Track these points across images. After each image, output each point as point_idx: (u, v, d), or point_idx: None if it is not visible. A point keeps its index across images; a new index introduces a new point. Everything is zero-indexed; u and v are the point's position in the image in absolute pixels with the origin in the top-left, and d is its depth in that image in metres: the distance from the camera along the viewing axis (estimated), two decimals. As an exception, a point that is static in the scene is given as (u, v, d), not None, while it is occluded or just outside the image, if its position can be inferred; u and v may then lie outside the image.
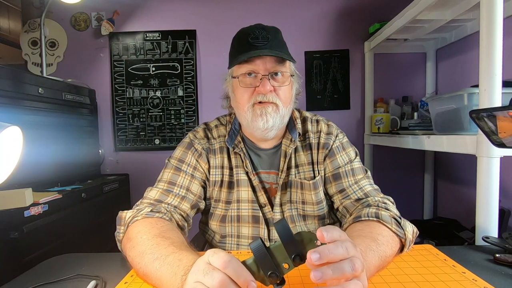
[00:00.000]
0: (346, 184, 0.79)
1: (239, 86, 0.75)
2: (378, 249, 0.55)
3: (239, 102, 0.76)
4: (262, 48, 0.72)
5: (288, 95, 0.77)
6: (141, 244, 0.58)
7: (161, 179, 0.80)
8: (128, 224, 0.66)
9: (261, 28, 0.76)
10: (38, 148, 1.33)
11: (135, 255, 0.58)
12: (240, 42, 0.77)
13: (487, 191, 0.83)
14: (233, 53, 0.79)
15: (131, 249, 0.59)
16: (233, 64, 0.76)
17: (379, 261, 0.55)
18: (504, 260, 0.62)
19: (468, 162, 1.59)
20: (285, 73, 0.75)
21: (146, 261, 0.54)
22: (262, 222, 0.81)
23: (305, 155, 0.83)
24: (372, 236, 0.58)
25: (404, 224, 0.64)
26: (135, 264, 0.58)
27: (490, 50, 0.81)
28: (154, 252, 0.54)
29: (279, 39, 0.78)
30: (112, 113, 2.00)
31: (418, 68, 1.97)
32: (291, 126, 0.84)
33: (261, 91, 0.72)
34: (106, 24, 1.92)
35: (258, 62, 0.72)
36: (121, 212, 0.70)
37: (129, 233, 0.64)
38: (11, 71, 1.25)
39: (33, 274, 0.64)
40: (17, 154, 0.62)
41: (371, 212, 0.66)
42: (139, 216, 0.67)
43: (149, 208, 0.70)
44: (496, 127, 0.61)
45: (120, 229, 0.68)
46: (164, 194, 0.76)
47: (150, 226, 0.63)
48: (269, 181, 0.83)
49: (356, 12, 1.97)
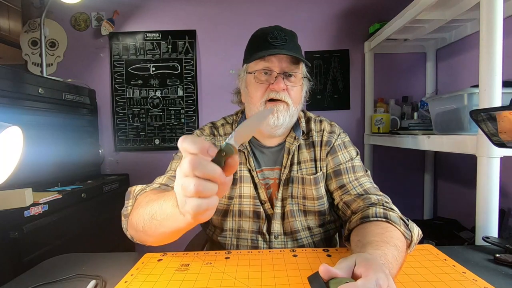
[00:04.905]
0: (346, 180, 0.80)
1: (253, 82, 0.79)
2: (399, 257, 0.54)
3: (252, 97, 0.80)
4: (280, 48, 0.76)
5: (298, 95, 0.81)
6: (149, 200, 0.61)
7: (169, 169, 0.83)
8: (137, 196, 0.68)
9: (280, 30, 0.80)
10: (38, 148, 1.33)
11: (143, 209, 0.60)
12: (259, 40, 0.80)
13: (487, 191, 0.83)
14: (251, 49, 0.82)
15: (139, 208, 0.62)
16: (251, 60, 0.78)
17: (398, 269, 0.54)
18: (505, 260, 0.62)
19: (468, 162, 1.59)
20: (298, 74, 0.79)
21: (153, 204, 0.57)
22: (263, 217, 0.82)
23: (308, 153, 0.85)
24: (394, 243, 0.56)
25: (412, 226, 0.64)
26: (143, 214, 0.59)
27: (490, 50, 0.81)
28: (159, 197, 0.58)
29: (295, 42, 0.82)
30: (112, 113, 2.00)
31: (418, 68, 1.97)
32: (296, 125, 0.87)
33: (274, 88, 0.76)
34: (106, 24, 1.92)
35: (274, 60, 0.76)
36: (130, 187, 0.73)
37: (137, 202, 0.67)
38: (11, 71, 1.25)
39: (33, 274, 0.64)
40: (17, 154, 0.62)
41: (379, 212, 0.66)
42: (148, 188, 0.70)
43: (158, 185, 0.74)
44: (496, 127, 0.61)
45: (128, 203, 0.69)
46: (171, 179, 0.78)
47: (159, 192, 0.66)
48: (272, 177, 0.85)
49: (356, 12, 1.97)
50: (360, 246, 0.55)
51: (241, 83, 0.85)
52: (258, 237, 0.83)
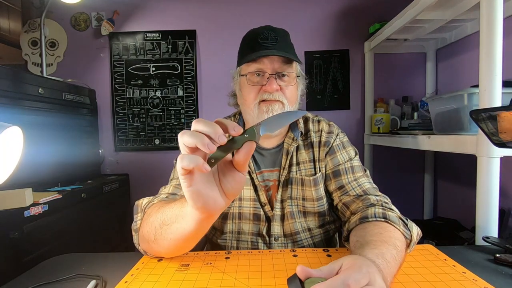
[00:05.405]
0: (345, 181, 0.80)
1: (246, 84, 0.78)
2: (398, 256, 0.54)
3: (246, 100, 0.79)
4: (270, 49, 0.75)
5: (293, 94, 0.80)
6: (160, 207, 0.62)
7: (173, 178, 0.83)
8: (145, 209, 0.68)
9: (270, 30, 0.79)
10: (38, 148, 1.33)
11: (154, 217, 0.61)
12: (249, 42, 0.79)
13: (487, 191, 0.83)
14: (242, 51, 0.82)
15: (149, 218, 0.63)
16: (242, 62, 0.78)
17: (398, 269, 0.53)
18: (505, 260, 0.62)
19: (468, 162, 1.59)
20: (291, 74, 0.78)
21: (164, 210, 0.59)
22: (263, 220, 0.82)
23: (307, 153, 0.85)
24: (393, 243, 0.56)
25: (411, 226, 0.64)
26: (154, 222, 0.60)
27: (490, 50, 0.81)
28: (169, 202, 0.61)
29: (287, 41, 0.81)
30: (112, 113, 2.00)
31: (418, 68, 1.97)
32: (294, 125, 0.86)
33: (267, 89, 0.75)
34: (106, 24, 1.92)
35: (266, 61, 0.76)
36: (137, 200, 0.72)
37: (146, 213, 0.66)
38: (11, 71, 1.25)
39: (33, 274, 0.64)
40: (17, 154, 0.62)
41: (378, 212, 0.66)
42: (155, 200, 0.69)
43: (165, 195, 0.74)
44: (496, 127, 0.61)
45: (137, 217, 0.69)
46: (177, 187, 0.78)
47: (169, 201, 0.66)
48: (271, 178, 0.85)
49: (356, 12, 1.97)
50: (359, 246, 0.55)
51: (236, 85, 0.85)
52: (258, 239, 0.82)
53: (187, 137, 0.42)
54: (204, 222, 0.52)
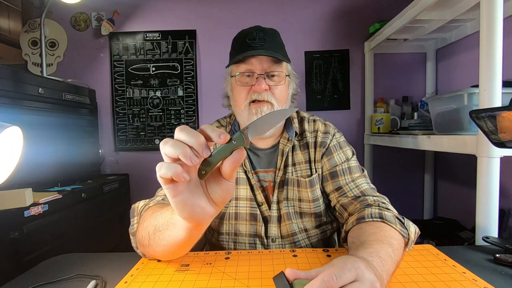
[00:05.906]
0: (343, 182, 0.80)
1: (236, 85, 0.79)
2: (394, 254, 0.54)
3: (237, 101, 0.80)
4: (258, 49, 0.76)
5: (283, 94, 0.80)
6: (153, 212, 0.63)
7: None
8: (141, 213, 0.68)
9: (259, 30, 0.79)
10: (38, 148, 1.33)
11: (148, 222, 0.61)
12: (238, 43, 0.80)
13: (487, 191, 0.83)
14: (232, 53, 0.83)
15: (144, 223, 0.63)
16: (231, 63, 0.79)
17: (395, 267, 0.53)
18: (505, 260, 0.62)
19: (468, 162, 1.59)
20: (281, 73, 0.78)
21: (157, 216, 0.59)
22: (259, 220, 0.82)
23: (303, 154, 0.84)
24: (388, 241, 0.56)
25: (408, 224, 0.64)
26: (148, 228, 0.60)
27: (490, 50, 0.81)
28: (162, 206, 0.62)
29: (276, 40, 0.81)
30: (112, 113, 2.00)
31: (418, 68, 1.97)
32: (289, 125, 0.86)
33: (256, 89, 0.75)
34: (106, 24, 1.92)
35: (254, 62, 0.76)
36: (134, 204, 0.72)
37: (142, 217, 0.66)
38: (11, 71, 1.25)
39: (33, 274, 0.64)
40: (17, 154, 0.62)
41: (374, 213, 0.66)
42: (151, 203, 0.69)
43: (161, 198, 0.74)
44: (496, 127, 0.61)
45: (133, 220, 0.69)
46: None
47: (163, 205, 0.65)
48: (267, 179, 0.84)
49: (356, 12, 1.97)
50: (355, 246, 0.55)
51: (227, 86, 0.85)
52: (256, 241, 0.82)
53: (169, 147, 0.40)
54: (194, 231, 0.51)
